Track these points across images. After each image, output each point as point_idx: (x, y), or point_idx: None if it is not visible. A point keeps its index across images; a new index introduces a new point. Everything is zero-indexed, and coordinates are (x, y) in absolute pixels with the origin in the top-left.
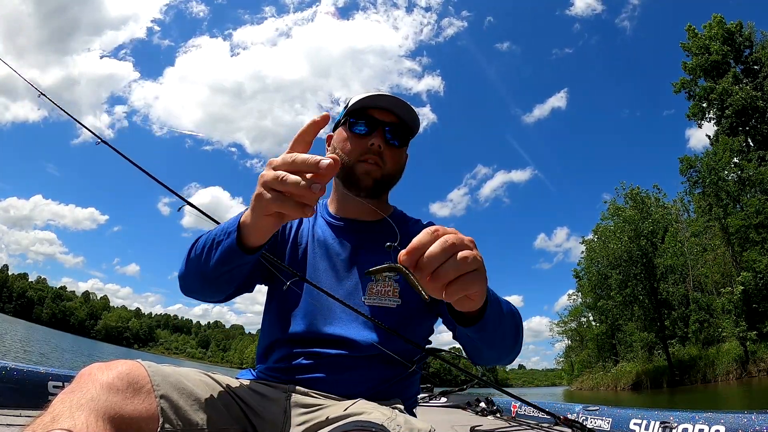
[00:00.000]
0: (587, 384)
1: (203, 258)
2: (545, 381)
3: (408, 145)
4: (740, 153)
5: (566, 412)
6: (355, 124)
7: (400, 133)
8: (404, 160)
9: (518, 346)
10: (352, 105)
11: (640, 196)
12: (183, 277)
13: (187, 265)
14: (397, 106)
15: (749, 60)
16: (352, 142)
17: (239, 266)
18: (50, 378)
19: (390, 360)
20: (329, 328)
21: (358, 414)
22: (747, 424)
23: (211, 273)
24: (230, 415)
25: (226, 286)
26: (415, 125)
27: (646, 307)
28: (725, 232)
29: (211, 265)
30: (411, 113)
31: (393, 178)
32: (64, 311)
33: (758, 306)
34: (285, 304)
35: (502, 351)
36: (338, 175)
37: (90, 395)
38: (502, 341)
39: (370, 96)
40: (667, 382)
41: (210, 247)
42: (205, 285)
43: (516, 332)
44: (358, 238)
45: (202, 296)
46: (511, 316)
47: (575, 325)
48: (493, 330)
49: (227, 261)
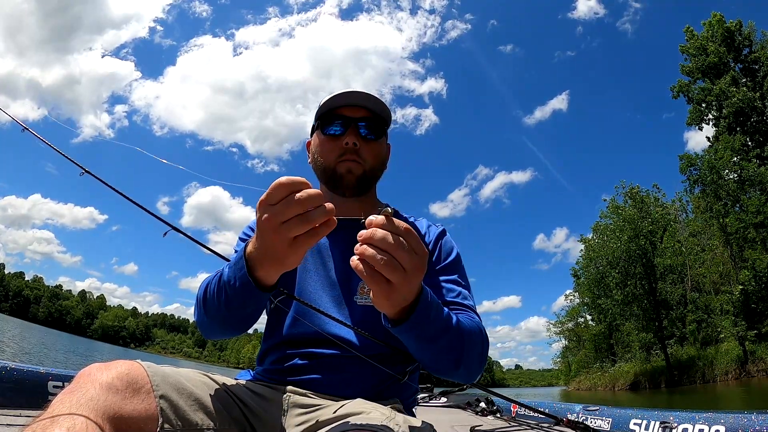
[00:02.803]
0: (584, 384)
1: (217, 303)
2: (542, 381)
3: (386, 136)
4: (740, 153)
5: (566, 412)
6: (326, 126)
7: (374, 125)
8: (385, 152)
9: (467, 369)
10: (321, 107)
11: (640, 195)
12: (204, 325)
13: (207, 315)
14: (366, 100)
15: (748, 59)
16: (327, 145)
17: (259, 303)
18: (50, 378)
19: (387, 359)
20: (323, 328)
21: (357, 414)
22: (747, 424)
23: (234, 317)
24: (229, 415)
25: (251, 320)
26: (387, 115)
27: (644, 307)
28: (724, 231)
29: (230, 309)
30: (380, 104)
31: (376, 172)
32: (61, 310)
33: (757, 306)
34: (279, 308)
35: (439, 366)
36: (322, 180)
37: (89, 395)
38: (435, 357)
39: (337, 95)
40: (665, 383)
41: (223, 292)
42: (230, 329)
43: (460, 352)
44: (350, 237)
45: (227, 336)
46: (456, 335)
47: (572, 326)
48: (419, 342)
49: (247, 301)
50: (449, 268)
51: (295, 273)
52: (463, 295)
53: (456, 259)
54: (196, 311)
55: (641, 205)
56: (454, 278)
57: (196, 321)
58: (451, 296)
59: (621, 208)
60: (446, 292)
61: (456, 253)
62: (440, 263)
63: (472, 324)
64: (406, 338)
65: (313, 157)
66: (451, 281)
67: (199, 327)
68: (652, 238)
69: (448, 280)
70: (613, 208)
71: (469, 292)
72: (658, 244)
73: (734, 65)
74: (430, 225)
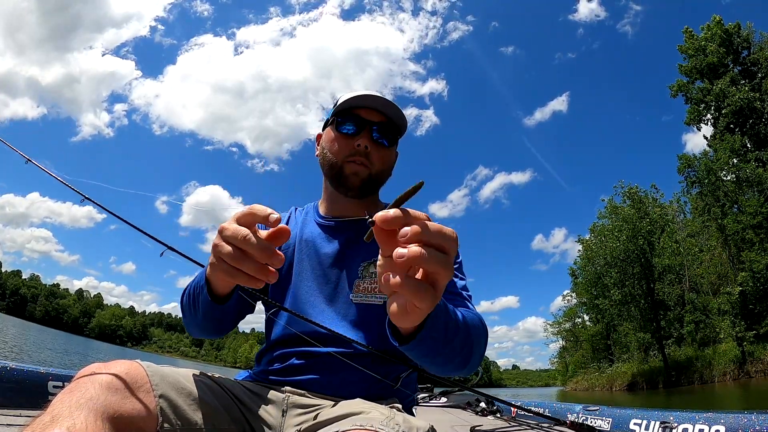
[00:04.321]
0: (582, 385)
1: (192, 311)
2: (539, 381)
3: (397, 144)
4: (739, 154)
5: (566, 412)
6: (342, 124)
7: (388, 132)
8: (393, 159)
9: (470, 366)
10: (339, 105)
11: (638, 195)
12: (186, 325)
13: (185, 318)
14: (385, 106)
15: (747, 61)
16: (339, 142)
17: (223, 312)
18: (50, 378)
19: (385, 358)
20: (318, 328)
21: (356, 414)
22: (747, 424)
23: (203, 323)
24: (229, 415)
25: (222, 326)
26: (402, 124)
27: (642, 307)
28: (722, 232)
29: (200, 317)
30: (398, 112)
31: (381, 177)
32: (58, 309)
33: (755, 307)
34: (276, 310)
35: (444, 370)
36: (327, 175)
37: (89, 395)
38: (443, 361)
39: (358, 96)
40: (663, 383)
41: (193, 302)
42: (205, 332)
43: (469, 351)
44: (348, 236)
45: (208, 337)
46: (465, 335)
47: (570, 326)
48: (429, 352)
49: (210, 312)
50: None
51: (291, 272)
52: (459, 285)
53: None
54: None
55: (639, 205)
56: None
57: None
58: (449, 286)
59: (619, 208)
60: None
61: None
62: None
63: (475, 317)
64: (415, 354)
65: (322, 151)
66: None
67: (186, 328)
68: (650, 238)
69: None
70: (612, 208)
71: (465, 285)
72: (656, 245)
73: (733, 67)
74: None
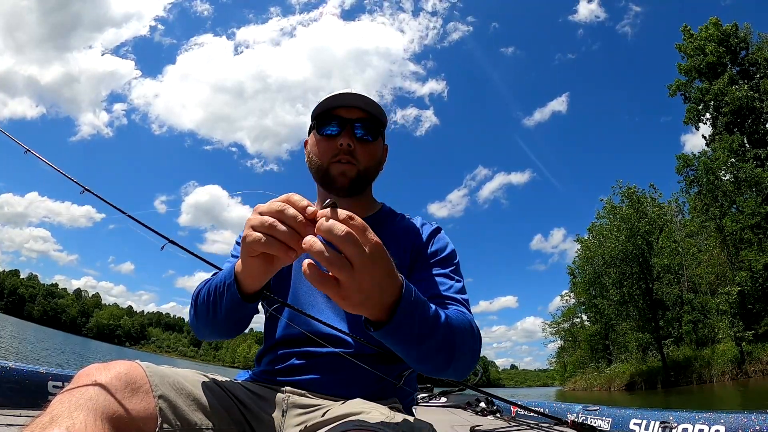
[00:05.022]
0: (580, 384)
1: (211, 311)
2: (537, 381)
3: (383, 137)
4: (737, 153)
5: (566, 411)
6: (323, 126)
7: (370, 126)
8: (380, 153)
9: (457, 368)
10: (318, 107)
11: (637, 195)
12: (196, 328)
13: (198, 318)
14: (359, 100)
15: (745, 61)
16: (322, 145)
17: (246, 312)
18: (50, 378)
19: (385, 359)
20: (318, 328)
21: (356, 414)
22: (747, 424)
23: (223, 323)
24: (228, 415)
25: (239, 327)
26: (383, 117)
27: (640, 307)
28: (721, 232)
29: (221, 318)
30: (374, 105)
31: (370, 173)
32: (56, 308)
33: (753, 307)
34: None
35: (427, 367)
36: (316, 179)
37: (89, 395)
38: (423, 358)
39: (334, 95)
40: (661, 383)
41: (214, 300)
42: (220, 333)
43: (450, 351)
44: None
45: (219, 339)
46: (446, 335)
47: (568, 326)
48: (404, 344)
49: (234, 311)
50: (442, 262)
51: (290, 273)
52: (455, 288)
53: (450, 255)
54: (189, 313)
55: (638, 205)
56: (446, 272)
57: (189, 323)
58: (442, 289)
59: (618, 208)
60: (438, 284)
61: (451, 249)
62: (435, 257)
63: (463, 319)
64: (389, 342)
65: (309, 157)
66: (443, 275)
67: (192, 328)
68: (649, 238)
69: (440, 273)
70: (610, 208)
71: (463, 287)
72: (654, 245)
73: (731, 67)
74: (425, 223)
